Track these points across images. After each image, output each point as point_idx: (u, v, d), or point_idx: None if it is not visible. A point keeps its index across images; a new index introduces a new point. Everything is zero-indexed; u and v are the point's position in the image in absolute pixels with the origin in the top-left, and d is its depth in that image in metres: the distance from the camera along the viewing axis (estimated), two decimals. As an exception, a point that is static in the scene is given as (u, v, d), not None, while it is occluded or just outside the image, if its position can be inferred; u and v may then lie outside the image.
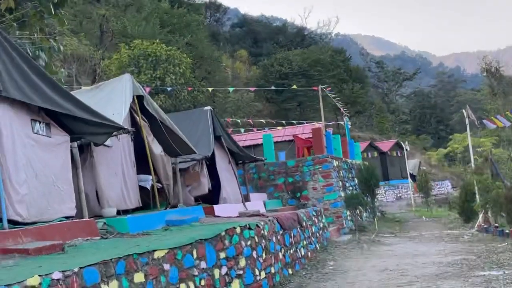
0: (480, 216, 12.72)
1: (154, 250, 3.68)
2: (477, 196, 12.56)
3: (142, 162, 6.29)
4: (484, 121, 14.12)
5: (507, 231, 10.39)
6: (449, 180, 34.04)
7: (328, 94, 16.59)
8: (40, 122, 4.32)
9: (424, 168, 31.29)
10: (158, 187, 6.66)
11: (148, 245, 3.87)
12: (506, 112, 13.29)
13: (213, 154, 8.37)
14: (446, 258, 8.39)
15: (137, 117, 6.17)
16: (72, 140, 4.81)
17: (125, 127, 5.22)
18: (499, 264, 7.40)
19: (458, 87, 59.34)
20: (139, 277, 3.35)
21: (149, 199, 6.75)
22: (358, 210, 13.59)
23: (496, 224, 11.33)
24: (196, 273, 4.21)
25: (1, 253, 3.19)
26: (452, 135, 37.46)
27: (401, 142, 28.66)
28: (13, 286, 2.18)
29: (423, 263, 8.00)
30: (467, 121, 13.89)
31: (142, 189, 6.58)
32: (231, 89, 20.23)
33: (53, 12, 5.57)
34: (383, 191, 25.53)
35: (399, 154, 29.53)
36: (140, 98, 6.21)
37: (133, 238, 4.64)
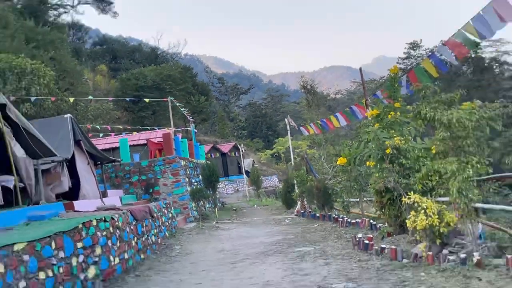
0: (298, 203, 13.92)
1: (14, 243, 3.80)
2: (296, 188, 13.94)
3: (6, 164, 6.49)
4: (301, 128, 15.83)
5: (317, 214, 11.51)
6: (276, 175, 38.06)
7: (177, 105, 18.53)
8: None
9: (257, 165, 35.32)
10: (21, 186, 6.86)
11: (8, 238, 4.00)
12: (317, 121, 14.40)
13: (73, 156, 8.74)
14: (271, 239, 8.95)
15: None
16: None
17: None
18: (311, 241, 8.01)
19: (283, 100, 69.21)
20: (-2, 268, 3.44)
21: (12, 198, 6.85)
22: (201, 202, 14.68)
23: (310, 210, 12.65)
24: (55, 262, 4.35)
25: None
26: (277, 138, 43.40)
27: (238, 145, 32.94)
28: None
29: (253, 243, 8.43)
30: (288, 128, 16.09)
31: (5, 188, 6.66)
32: (91, 98, 20.87)
33: None
34: (224, 185, 28.39)
35: (236, 154, 33.37)
36: (2, 107, 6.43)
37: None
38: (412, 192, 5.10)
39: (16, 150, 6.80)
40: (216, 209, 15.72)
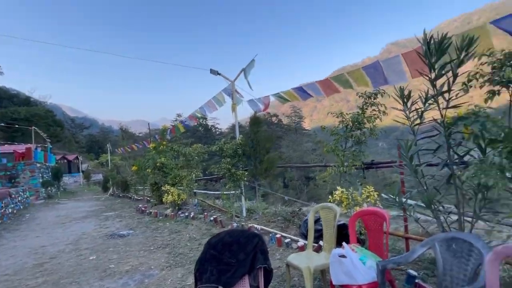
0: (111, 189, 21.84)
1: None
2: (110, 180, 22.04)
3: None
4: (116, 150, 29.02)
5: (120, 195, 18.66)
6: (102, 173, 46.14)
7: (38, 131, 27.35)
8: None
9: (90, 168, 48.63)
10: None
11: None
12: (126, 147, 22.28)
13: None
14: (91, 208, 13.35)
15: None
16: None
17: None
18: (114, 209, 12.44)
19: (110, 135, 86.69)
20: None
21: None
22: (49, 188, 21.86)
23: (117, 192, 19.92)
24: None
25: None
26: (102, 154, 53.93)
27: (79, 156, 47.30)
28: None
29: (79, 211, 12.57)
30: (109, 149, 33.85)
31: None
32: None
33: None
34: (68, 179, 38.72)
35: (77, 161, 46.40)
36: None
37: None
38: (167, 184, 10.14)
39: None
40: (59, 192, 23.45)
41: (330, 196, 4.51)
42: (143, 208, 10.81)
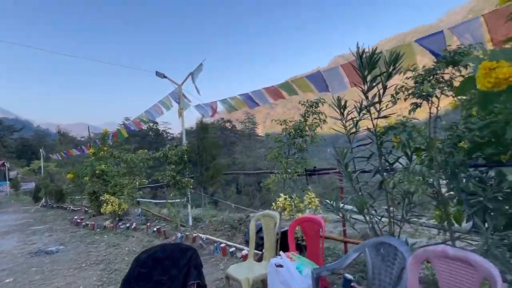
0: (43, 199, 19.45)
1: None
2: (43, 188, 19.24)
3: None
4: (50, 155, 25.79)
5: (54, 206, 16.78)
6: (35, 181, 41.58)
7: None
8: None
9: (19, 175, 44.54)
10: None
11: None
12: (61, 152, 20.71)
13: None
14: (16, 222, 11.80)
15: None
16: None
17: None
18: (45, 222, 11.06)
19: (47, 138, 79.23)
20: None
21: None
22: None
23: (50, 203, 17.80)
24: None
25: None
26: (34, 160, 46.50)
27: (5, 162, 41.41)
28: None
29: (0, 226, 10.91)
30: (42, 154, 27.87)
31: None
32: None
33: None
34: None
35: (4, 168, 40.61)
36: None
37: None
38: (106, 193, 9.38)
39: None
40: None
41: (273, 203, 4.50)
42: (78, 220, 9.82)
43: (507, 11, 1.86)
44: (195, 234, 6.69)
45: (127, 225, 8.95)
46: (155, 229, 7.76)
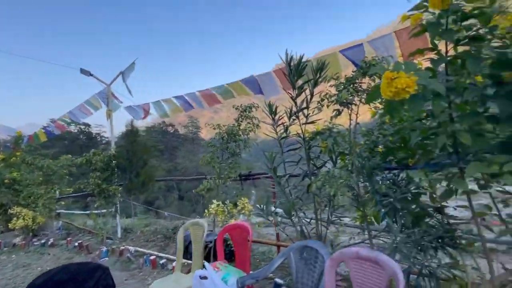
0: None
1: None
2: None
3: None
4: None
5: None
6: None
7: None
8: None
9: None
10: None
11: None
12: None
13: None
14: None
15: None
16: None
17: None
18: None
19: None
20: None
21: None
22: None
23: None
24: None
25: None
26: None
27: None
28: None
29: None
30: None
31: None
32: None
33: None
34: None
35: None
36: None
37: None
38: (16, 206, 8.13)
39: None
40: None
41: (206, 210, 4.34)
42: (-22, 239, 8.31)
43: (415, 28, 2.03)
44: (123, 247, 6.15)
45: (43, 241, 7.89)
46: (76, 243, 6.95)
